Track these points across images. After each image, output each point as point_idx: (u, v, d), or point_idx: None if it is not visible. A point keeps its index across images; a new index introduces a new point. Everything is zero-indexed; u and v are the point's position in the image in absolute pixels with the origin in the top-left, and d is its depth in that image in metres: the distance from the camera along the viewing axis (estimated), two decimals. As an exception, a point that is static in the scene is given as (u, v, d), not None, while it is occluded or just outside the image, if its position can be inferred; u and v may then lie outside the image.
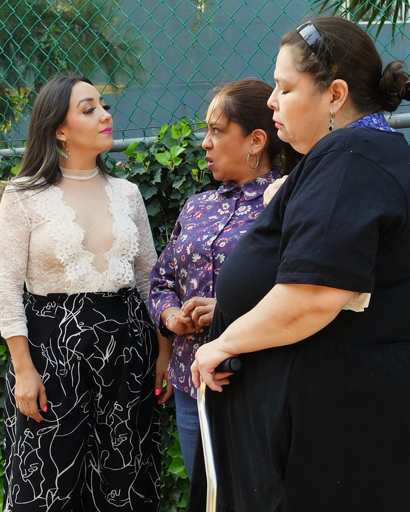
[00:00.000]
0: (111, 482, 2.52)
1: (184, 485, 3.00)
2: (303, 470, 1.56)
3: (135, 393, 2.51)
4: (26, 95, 6.50)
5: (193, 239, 2.30)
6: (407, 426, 1.57)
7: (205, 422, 1.76)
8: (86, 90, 2.51)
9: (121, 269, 2.49)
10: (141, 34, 3.25)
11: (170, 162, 2.89)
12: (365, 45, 1.69)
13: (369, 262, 1.50)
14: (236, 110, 2.27)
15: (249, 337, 1.61)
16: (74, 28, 6.79)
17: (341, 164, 1.53)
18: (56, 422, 2.42)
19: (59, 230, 2.42)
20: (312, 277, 1.47)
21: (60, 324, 2.45)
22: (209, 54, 3.01)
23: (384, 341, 1.58)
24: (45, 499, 2.43)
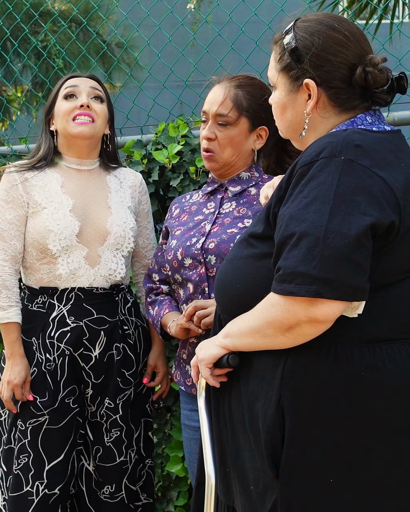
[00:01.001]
0: (105, 478, 2.52)
1: (181, 483, 2.99)
2: (296, 468, 1.57)
3: (125, 388, 2.51)
4: (23, 93, 6.49)
5: (182, 244, 2.29)
6: (399, 425, 1.57)
7: (204, 418, 1.77)
8: (78, 80, 2.54)
9: (113, 264, 2.48)
10: (139, 32, 3.24)
11: (168, 159, 2.88)
12: (336, 41, 1.64)
13: (365, 271, 1.50)
14: (247, 105, 2.26)
15: (246, 338, 1.62)
16: (72, 26, 6.78)
17: (333, 171, 1.52)
18: (44, 414, 2.43)
19: (54, 219, 2.41)
20: (309, 290, 1.47)
21: (50, 318, 2.45)
22: (206, 52, 3.01)
23: (376, 341, 1.58)
24: (33, 491, 2.43)
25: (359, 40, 1.67)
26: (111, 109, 2.59)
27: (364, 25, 3.93)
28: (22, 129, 3.69)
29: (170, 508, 3.02)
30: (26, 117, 6.47)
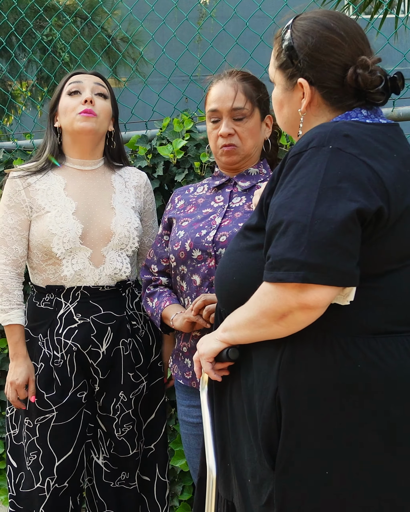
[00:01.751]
0: (120, 466, 2.56)
1: (186, 478, 3.00)
2: (291, 460, 1.58)
3: (137, 383, 2.53)
4: (28, 88, 6.49)
5: (191, 235, 2.28)
6: (395, 418, 1.58)
7: (206, 412, 1.79)
8: (82, 76, 2.54)
9: (118, 264, 2.49)
10: (144, 27, 3.24)
11: (173, 155, 2.88)
12: (329, 41, 1.65)
13: (353, 256, 1.51)
14: (256, 96, 2.29)
15: (243, 330, 1.64)
16: (77, 21, 6.77)
17: (321, 160, 1.53)
18: (52, 410, 2.45)
19: (57, 223, 2.42)
20: (297, 276, 1.48)
21: (58, 316, 2.47)
22: (211, 46, 3.01)
23: (372, 333, 1.59)
24: (44, 487, 2.46)
25: (355, 40, 1.67)
26: (116, 106, 2.59)
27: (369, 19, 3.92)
28: (27, 124, 3.69)
29: (175, 503, 3.03)
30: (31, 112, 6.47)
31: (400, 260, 1.62)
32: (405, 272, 1.63)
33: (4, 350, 3.36)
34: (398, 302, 1.62)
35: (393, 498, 1.59)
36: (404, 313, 1.63)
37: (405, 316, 1.64)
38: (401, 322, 1.63)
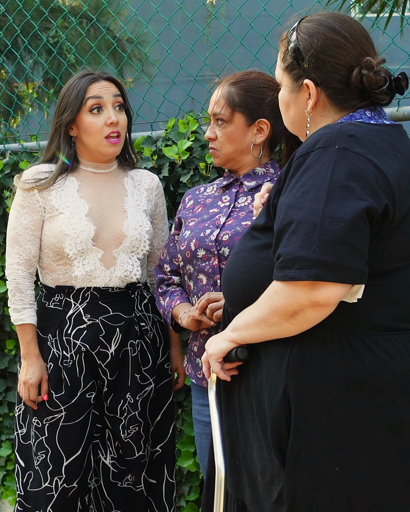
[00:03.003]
0: (127, 467, 2.56)
1: (193, 478, 3.01)
2: (301, 457, 1.59)
3: (144, 385, 2.53)
4: (34, 90, 6.50)
5: (196, 235, 2.30)
6: (404, 414, 1.59)
7: (214, 411, 1.80)
8: (100, 88, 2.49)
9: (129, 266, 2.50)
10: (148, 28, 3.24)
11: (178, 155, 2.88)
12: (334, 43, 1.68)
13: (363, 254, 1.53)
14: (239, 100, 2.28)
15: (253, 329, 1.65)
16: (82, 22, 6.78)
17: (328, 160, 1.56)
18: (61, 410, 2.45)
19: (70, 224, 2.43)
20: (309, 274, 1.50)
21: (67, 316, 2.47)
22: (215, 47, 3.00)
23: (379, 330, 1.61)
24: (52, 486, 2.47)
25: (360, 41, 1.69)
26: (129, 110, 2.59)
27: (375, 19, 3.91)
28: (33, 126, 3.70)
29: (182, 503, 3.03)
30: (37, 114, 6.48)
31: (406, 258, 1.63)
32: None
33: (11, 351, 3.37)
34: (404, 299, 1.63)
35: (403, 493, 1.60)
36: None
37: None
38: (407, 319, 1.64)
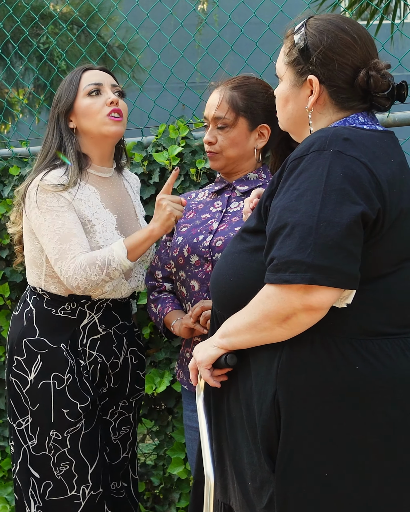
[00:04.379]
0: (111, 475, 2.52)
1: (183, 485, 2.99)
2: (291, 462, 1.59)
3: (139, 388, 2.54)
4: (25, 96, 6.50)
5: (189, 241, 2.29)
6: (393, 419, 1.59)
7: (203, 418, 1.79)
8: (96, 75, 2.41)
9: (140, 276, 2.48)
10: (139, 34, 3.24)
11: (168, 161, 2.88)
12: (344, 42, 1.69)
13: (357, 259, 1.53)
14: (243, 105, 2.27)
15: (243, 335, 1.64)
16: (73, 28, 6.79)
17: (323, 163, 1.56)
18: (81, 419, 2.37)
19: (106, 239, 2.33)
20: (304, 277, 1.50)
21: (81, 325, 2.40)
22: (206, 53, 3.01)
23: (368, 335, 1.61)
24: (79, 494, 2.38)
25: (367, 44, 1.71)
26: None
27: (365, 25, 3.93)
28: (23, 132, 3.69)
29: (172, 510, 3.02)
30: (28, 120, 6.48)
31: (395, 263, 1.64)
32: (400, 275, 1.65)
33: (0, 358, 3.35)
34: (393, 304, 1.64)
35: (393, 499, 1.60)
36: (400, 315, 1.65)
37: (400, 318, 1.66)
38: (396, 324, 1.65)
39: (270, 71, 2.85)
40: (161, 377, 2.90)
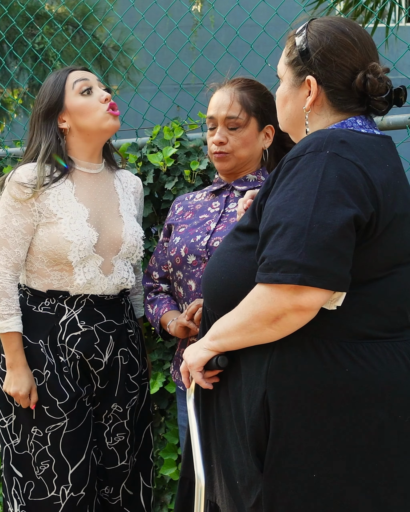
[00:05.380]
0: (105, 479, 2.52)
1: (175, 487, 2.99)
2: (280, 463, 1.60)
3: (132, 393, 2.51)
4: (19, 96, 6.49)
5: (186, 241, 2.30)
6: (381, 422, 1.60)
7: (193, 420, 1.79)
8: (82, 73, 2.45)
9: (125, 273, 2.46)
10: (135, 35, 3.24)
11: (163, 162, 2.88)
12: (343, 44, 1.69)
13: (348, 262, 1.54)
14: (254, 105, 2.28)
15: (233, 336, 1.64)
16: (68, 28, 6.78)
17: (318, 164, 1.56)
18: (64, 418, 2.37)
19: (73, 230, 2.34)
20: (294, 278, 1.51)
21: (60, 322, 2.40)
22: (201, 55, 3.01)
23: (358, 338, 1.61)
24: (59, 495, 2.39)
25: (367, 47, 1.71)
26: None
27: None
28: (17, 132, 3.69)
29: (164, 511, 3.02)
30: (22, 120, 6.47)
31: (387, 267, 1.65)
32: (392, 279, 1.65)
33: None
34: (384, 308, 1.64)
35: (380, 500, 1.60)
36: (390, 319, 1.66)
37: (391, 322, 1.66)
38: (386, 328, 1.65)
39: (264, 74, 2.86)
40: (154, 379, 2.89)
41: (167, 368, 2.90)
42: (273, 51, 2.71)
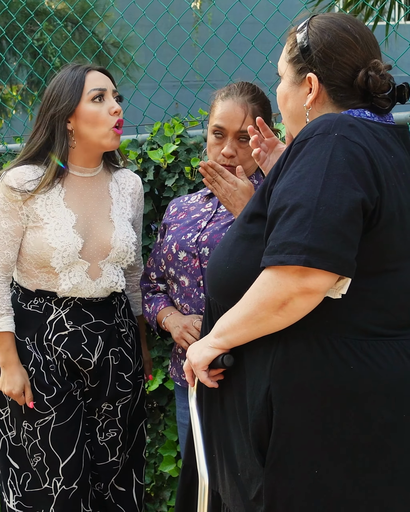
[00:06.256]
0: (96, 475, 2.52)
1: (174, 484, 2.99)
2: (282, 458, 1.59)
3: (125, 392, 2.50)
4: (18, 92, 6.48)
5: (177, 238, 2.33)
6: (386, 420, 1.59)
7: (196, 419, 1.77)
8: (100, 79, 2.39)
9: (114, 277, 2.45)
10: (135, 31, 3.24)
11: (163, 159, 2.88)
12: (344, 41, 1.68)
13: (354, 246, 1.52)
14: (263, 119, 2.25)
15: (239, 330, 1.62)
16: (68, 25, 6.77)
17: (327, 146, 1.54)
18: (51, 412, 2.39)
19: (57, 236, 2.33)
20: (299, 259, 1.48)
21: (48, 321, 2.41)
22: (202, 51, 3.01)
23: (363, 335, 1.60)
24: (51, 487, 2.41)
25: (369, 45, 1.70)
26: None
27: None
28: (17, 128, 3.68)
29: (163, 508, 3.02)
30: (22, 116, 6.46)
31: (392, 261, 1.63)
32: (398, 276, 1.64)
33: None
34: (389, 305, 1.63)
35: (381, 497, 1.60)
36: (396, 317, 1.65)
37: (396, 319, 1.65)
38: (392, 325, 1.64)
39: (264, 71, 2.85)
40: (153, 375, 2.90)
41: (167, 365, 2.90)
42: (273, 48, 2.71)
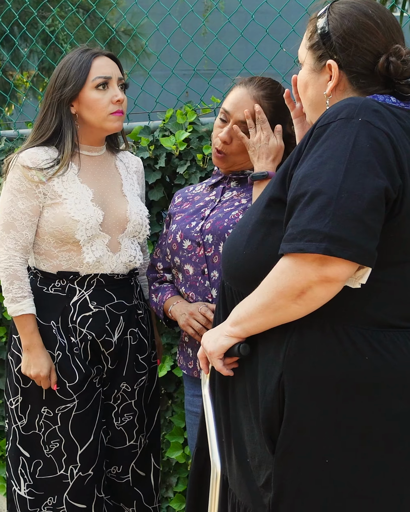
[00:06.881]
0: (112, 459, 2.54)
1: (181, 470, 3.01)
2: (292, 446, 1.58)
3: (141, 373, 2.53)
4: (30, 78, 6.47)
5: (182, 227, 2.34)
6: (398, 412, 1.57)
7: (209, 406, 1.76)
8: (106, 66, 2.42)
9: (132, 251, 2.49)
10: (149, 18, 3.23)
11: (175, 146, 2.88)
12: (365, 27, 1.63)
13: (375, 236, 1.48)
14: (269, 118, 2.24)
15: (256, 319, 1.60)
16: (79, 11, 6.75)
17: (350, 132, 1.50)
18: (74, 399, 2.40)
19: (78, 210, 2.37)
20: (319, 247, 1.45)
21: (71, 302, 2.42)
22: (215, 38, 3.00)
23: (379, 326, 1.58)
24: (67, 474, 2.42)
25: (390, 29, 1.65)
26: None
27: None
28: (28, 113, 3.68)
29: (170, 494, 3.04)
30: (33, 101, 6.46)
31: (406, 253, 1.60)
32: None
33: (1, 338, 3.35)
34: (405, 297, 1.61)
35: (392, 489, 1.59)
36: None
37: None
38: (408, 317, 1.62)
39: (278, 60, 2.84)
40: (162, 362, 2.91)
41: (175, 352, 2.91)
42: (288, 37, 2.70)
